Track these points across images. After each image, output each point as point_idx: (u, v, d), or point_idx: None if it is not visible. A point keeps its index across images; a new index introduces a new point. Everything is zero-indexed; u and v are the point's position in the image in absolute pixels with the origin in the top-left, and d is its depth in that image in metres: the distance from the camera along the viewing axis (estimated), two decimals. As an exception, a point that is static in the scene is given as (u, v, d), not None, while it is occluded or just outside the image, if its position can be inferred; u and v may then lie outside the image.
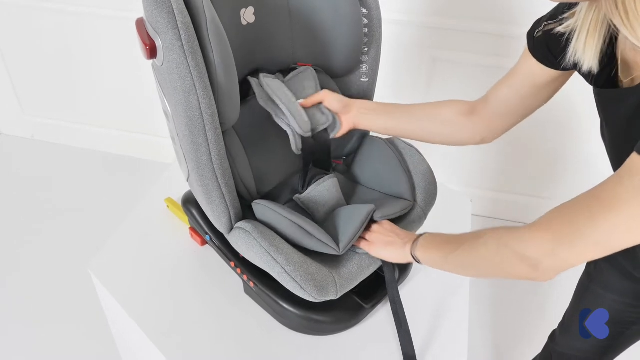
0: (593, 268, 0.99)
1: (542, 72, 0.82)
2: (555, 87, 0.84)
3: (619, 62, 0.70)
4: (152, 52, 0.74)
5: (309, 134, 0.94)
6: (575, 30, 0.70)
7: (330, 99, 0.96)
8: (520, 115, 0.89)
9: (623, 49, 0.68)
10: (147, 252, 1.08)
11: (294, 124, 0.92)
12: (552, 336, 1.18)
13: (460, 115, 0.94)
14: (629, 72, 0.68)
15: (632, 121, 0.65)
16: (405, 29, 1.68)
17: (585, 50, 0.69)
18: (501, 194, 1.99)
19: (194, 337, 0.93)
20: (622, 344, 1.04)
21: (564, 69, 0.79)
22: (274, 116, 0.93)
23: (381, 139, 1.03)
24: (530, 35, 0.82)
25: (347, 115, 0.97)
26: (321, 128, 0.97)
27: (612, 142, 0.75)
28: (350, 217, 0.89)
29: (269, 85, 0.92)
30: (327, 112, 0.97)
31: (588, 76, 0.74)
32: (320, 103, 0.97)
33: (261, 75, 0.93)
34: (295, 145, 0.94)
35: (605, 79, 0.72)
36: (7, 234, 1.95)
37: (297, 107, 0.92)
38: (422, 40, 1.68)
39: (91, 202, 2.08)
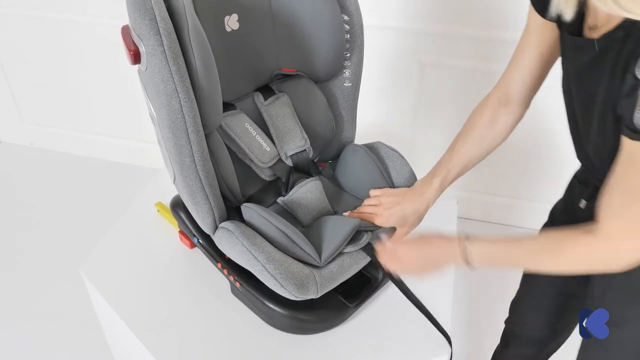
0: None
1: (547, 25, 0.79)
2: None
3: (589, 11, 0.69)
4: (135, 57, 0.77)
5: (270, 164, 1.00)
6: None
7: (417, 223, 0.95)
8: (542, 80, 0.87)
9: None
10: (138, 255, 1.11)
11: (254, 158, 0.97)
12: (508, 320, 1.21)
13: (494, 119, 0.91)
14: (595, 23, 0.68)
15: (586, 71, 0.68)
16: (393, 34, 1.70)
17: (567, 3, 0.68)
18: (488, 196, 2.00)
19: (183, 337, 0.94)
20: (569, 318, 1.07)
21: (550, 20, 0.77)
22: (237, 153, 0.97)
23: (362, 146, 1.06)
24: None
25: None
26: (298, 150, 1.02)
27: (569, 93, 0.77)
28: (335, 230, 0.92)
29: (228, 125, 0.96)
30: (306, 136, 1.03)
31: (564, 25, 0.73)
32: (298, 127, 1.02)
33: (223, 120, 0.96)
34: (264, 174, 1.00)
35: (576, 27, 0.71)
36: (7, 235, 1.99)
37: (256, 141, 0.98)
38: (411, 45, 1.71)
39: (87, 207, 2.11)
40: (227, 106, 0.97)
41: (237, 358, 0.91)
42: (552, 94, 0.98)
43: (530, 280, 1.08)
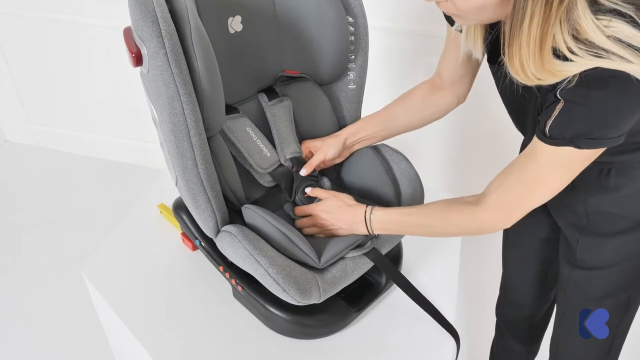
0: None
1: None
2: None
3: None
4: (137, 59, 0.77)
5: (270, 170, 0.99)
6: (463, 30, 0.83)
7: (329, 153, 1.01)
8: (473, 73, 0.99)
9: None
10: (140, 257, 1.10)
11: (253, 163, 0.96)
12: (498, 305, 1.28)
13: (428, 97, 1.02)
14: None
15: (511, 91, 0.81)
16: (401, 37, 1.69)
17: (475, 46, 0.83)
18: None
19: (184, 340, 0.94)
20: (550, 285, 1.15)
21: None
22: (237, 157, 0.96)
23: (368, 147, 1.05)
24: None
25: (344, 151, 1.04)
26: (296, 155, 1.01)
27: (505, 105, 0.93)
28: (339, 238, 0.92)
29: (229, 129, 0.95)
30: (299, 146, 1.02)
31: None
32: (294, 136, 1.02)
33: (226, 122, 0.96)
34: (263, 180, 0.99)
35: (497, 55, 0.80)
36: (11, 235, 2.00)
37: (257, 145, 0.97)
38: (419, 48, 1.70)
39: (91, 207, 2.12)
40: (230, 109, 0.96)
41: (238, 362, 0.91)
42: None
43: (510, 260, 1.18)
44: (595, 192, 0.86)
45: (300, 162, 1.02)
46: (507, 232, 1.16)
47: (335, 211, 0.92)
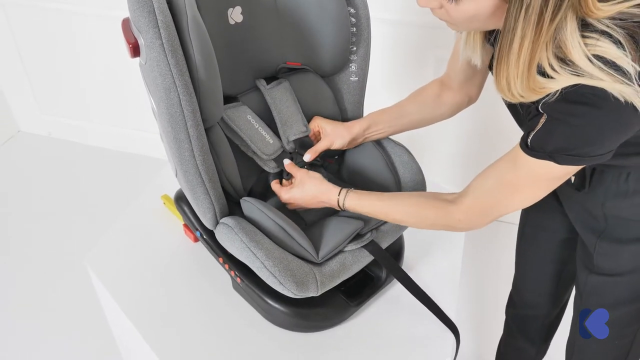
0: (524, 214, 1.13)
1: None
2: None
3: None
4: (135, 50, 0.77)
5: (274, 156, 0.98)
6: (462, 36, 0.84)
7: (336, 143, 1.01)
8: (483, 75, 0.98)
9: None
10: (142, 247, 1.11)
11: (256, 149, 0.95)
12: (508, 304, 1.27)
13: (440, 96, 1.01)
14: None
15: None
16: (406, 29, 1.67)
17: (474, 53, 0.83)
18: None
19: (183, 331, 0.94)
20: (565, 286, 1.15)
21: None
22: (240, 146, 0.96)
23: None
24: None
25: (355, 142, 1.03)
26: (301, 136, 1.00)
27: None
28: (337, 230, 0.91)
29: (230, 117, 0.94)
30: (306, 123, 1.01)
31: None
32: (300, 113, 1.02)
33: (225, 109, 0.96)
34: (267, 167, 0.98)
35: None
36: (20, 223, 2.03)
37: (259, 133, 0.97)
38: (425, 40, 1.67)
39: (98, 197, 2.14)
40: (230, 99, 0.96)
41: (235, 354, 0.91)
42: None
43: (525, 259, 1.16)
44: (613, 196, 0.84)
45: (303, 144, 1.01)
46: (523, 231, 1.14)
47: (304, 199, 0.93)
